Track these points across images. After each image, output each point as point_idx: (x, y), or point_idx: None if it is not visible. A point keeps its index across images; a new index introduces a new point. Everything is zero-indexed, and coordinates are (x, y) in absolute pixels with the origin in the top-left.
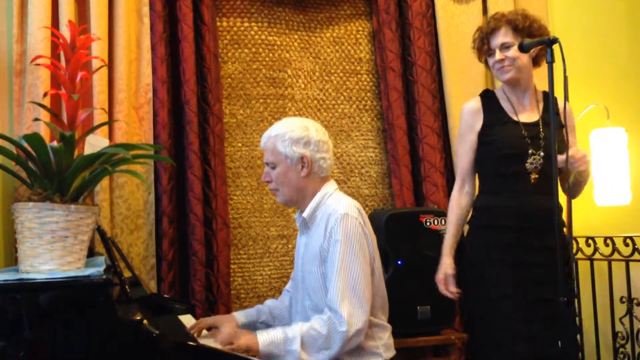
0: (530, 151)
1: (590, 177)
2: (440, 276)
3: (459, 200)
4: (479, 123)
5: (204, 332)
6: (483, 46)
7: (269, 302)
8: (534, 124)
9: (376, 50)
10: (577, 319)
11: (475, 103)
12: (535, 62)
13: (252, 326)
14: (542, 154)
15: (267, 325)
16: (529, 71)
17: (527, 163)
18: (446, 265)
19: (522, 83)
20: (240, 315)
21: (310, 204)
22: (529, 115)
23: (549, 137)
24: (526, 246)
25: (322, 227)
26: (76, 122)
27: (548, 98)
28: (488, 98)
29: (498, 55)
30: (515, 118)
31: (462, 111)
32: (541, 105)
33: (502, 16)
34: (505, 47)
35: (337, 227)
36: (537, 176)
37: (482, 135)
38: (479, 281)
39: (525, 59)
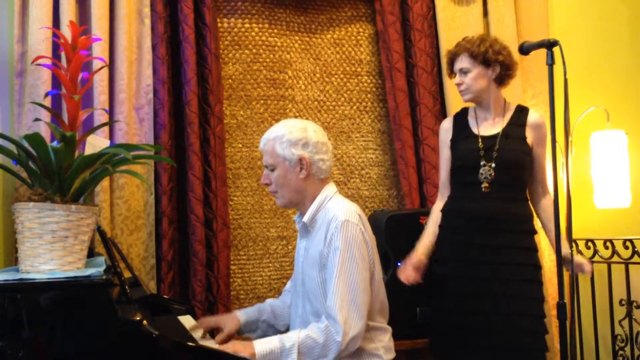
0: (482, 163)
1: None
2: (402, 263)
3: (437, 207)
4: (449, 139)
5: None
6: (449, 65)
7: (271, 301)
8: (492, 137)
9: (381, 51)
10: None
11: (448, 122)
12: (500, 81)
13: (254, 325)
14: (493, 165)
15: (268, 324)
16: (490, 92)
17: (479, 174)
18: (412, 255)
19: (484, 103)
20: (242, 314)
21: (311, 208)
22: (490, 129)
23: (504, 149)
24: (474, 245)
25: (323, 233)
26: (77, 122)
27: (519, 112)
28: (459, 116)
29: (457, 79)
30: (475, 132)
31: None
32: (506, 120)
33: (463, 42)
34: (463, 72)
35: (338, 234)
36: (487, 185)
37: (451, 150)
38: (439, 276)
39: (483, 82)
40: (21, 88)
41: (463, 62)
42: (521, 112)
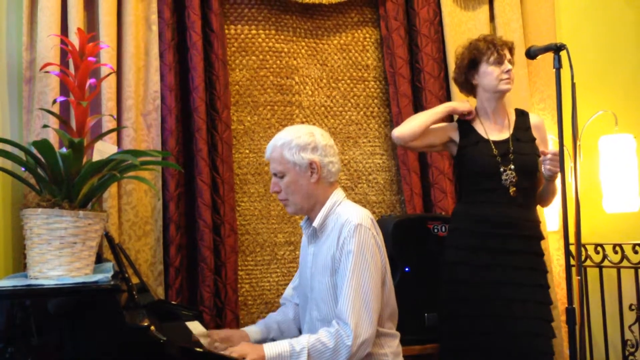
0: (501, 169)
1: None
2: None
3: None
4: (454, 148)
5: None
6: (489, 50)
7: (275, 317)
8: (504, 141)
9: (385, 57)
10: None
11: (453, 125)
12: None
13: (262, 343)
14: (512, 166)
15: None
16: None
17: (502, 180)
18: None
19: (502, 103)
20: (252, 333)
21: (320, 212)
22: (499, 134)
23: (520, 153)
24: (488, 249)
25: (334, 237)
26: (85, 128)
27: (521, 115)
28: (462, 122)
29: (507, 65)
30: (485, 137)
31: None
32: (512, 123)
33: (500, 37)
34: (510, 63)
35: (351, 238)
36: (515, 189)
37: (458, 156)
38: (449, 281)
39: None
40: (30, 95)
41: (510, 55)
42: (522, 115)
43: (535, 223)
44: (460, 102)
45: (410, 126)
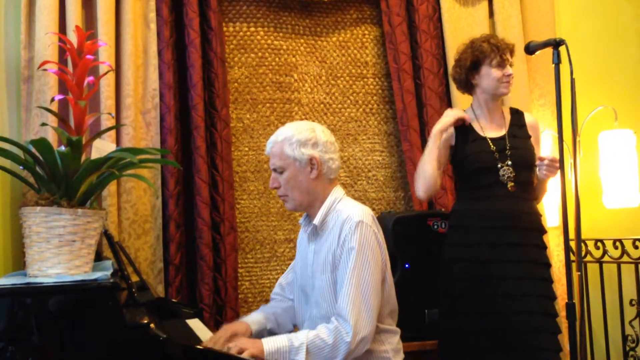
0: (499, 165)
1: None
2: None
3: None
4: (453, 143)
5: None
6: (493, 53)
7: (271, 309)
8: (501, 138)
9: (388, 52)
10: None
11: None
12: None
13: (261, 333)
14: (509, 162)
15: (271, 333)
16: None
17: (500, 175)
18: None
19: (499, 103)
20: (253, 324)
21: (321, 210)
22: (495, 131)
23: (516, 148)
24: (489, 245)
25: (335, 234)
26: (83, 126)
27: (516, 114)
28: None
29: (510, 70)
30: (482, 134)
31: None
32: (508, 121)
33: (503, 39)
34: (511, 65)
35: (352, 235)
36: (513, 184)
37: (456, 154)
38: (449, 278)
39: None
40: (28, 93)
41: (511, 57)
42: (517, 113)
43: (536, 216)
44: (451, 116)
45: (428, 179)
